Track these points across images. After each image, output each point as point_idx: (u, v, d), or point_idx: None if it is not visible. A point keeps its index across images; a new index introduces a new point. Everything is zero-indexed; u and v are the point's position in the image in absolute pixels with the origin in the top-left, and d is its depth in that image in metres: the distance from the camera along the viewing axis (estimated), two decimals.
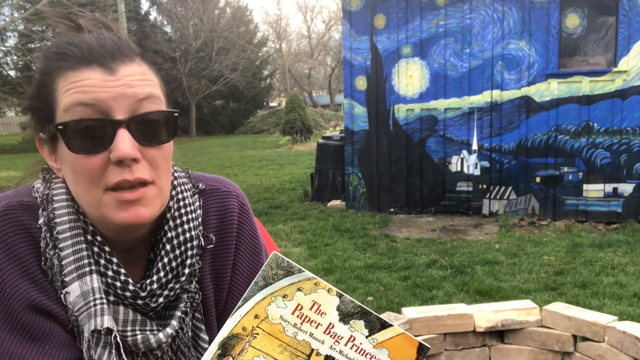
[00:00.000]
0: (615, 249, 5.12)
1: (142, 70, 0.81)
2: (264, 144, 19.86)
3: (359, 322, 0.69)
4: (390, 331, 0.70)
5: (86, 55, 0.77)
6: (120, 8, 15.61)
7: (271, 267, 0.68)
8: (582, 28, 6.09)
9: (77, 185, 0.80)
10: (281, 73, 39.63)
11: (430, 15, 6.68)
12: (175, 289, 0.85)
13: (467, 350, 2.58)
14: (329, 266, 4.83)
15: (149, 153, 0.79)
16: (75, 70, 0.77)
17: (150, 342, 0.82)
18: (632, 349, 2.24)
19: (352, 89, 7.19)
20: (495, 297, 3.94)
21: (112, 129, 0.76)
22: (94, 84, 0.76)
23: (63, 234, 0.80)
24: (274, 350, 0.69)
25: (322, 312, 0.69)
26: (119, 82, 0.77)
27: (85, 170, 0.77)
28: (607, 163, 6.11)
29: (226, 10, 31.92)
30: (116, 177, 0.76)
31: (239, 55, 28.19)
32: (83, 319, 0.78)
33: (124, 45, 0.81)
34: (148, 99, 0.79)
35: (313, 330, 0.69)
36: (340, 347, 0.69)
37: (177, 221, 0.87)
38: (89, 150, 0.76)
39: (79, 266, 0.80)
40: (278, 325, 0.69)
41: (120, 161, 0.76)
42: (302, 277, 0.69)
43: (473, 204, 6.75)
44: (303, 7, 50.60)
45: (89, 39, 0.80)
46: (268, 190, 9.33)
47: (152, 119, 0.79)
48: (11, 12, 16.10)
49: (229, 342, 0.69)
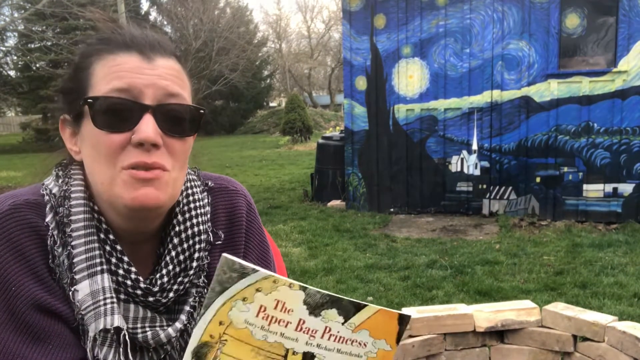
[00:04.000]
0: (615, 249, 5.12)
1: (178, 69, 0.84)
2: (264, 144, 19.86)
3: (330, 311, 0.67)
4: (366, 311, 0.67)
5: (127, 41, 0.81)
6: (120, 8, 15.60)
7: (224, 271, 0.64)
8: (582, 28, 6.09)
9: (94, 162, 0.81)
10: (281, 73, 39.63)
11: (430, 15, 6.68)
12: (185, 282, 0.86)
13: (467, 350, 2.58)
14: (329, 266, 4.83)
15: (170, 143, 0.81)
16: (115, 54, 0.80)
17: (160, 338, 0.83)
18: (632, 349, 2.24)
19: (352, 89, 7.19)
20: (495, 297, 3.95)
21: (139, 112, 0.78)
22: (131, 69, 0.79)
23: (77, 231, 0.81)
24: (247, 355, 0.67)
25: (288, 309, 0.66)
26: (155, 72, 0.80)
27: (106, 146, 0.78)
28: (607, 163, 6.11)
29: (226, 10, 31.93)
30: (134, 157, 0.78)
31: (239, 56, 28.20)
32: (89, 318, 0.78)
33: (165, 41, 0.85)
34: (176, 96, 0.81)
35: (283, 330, 0.66)
36: (317, 341, 0.67)
37: (187, 215, 0.89)
38: (113, 128, 0.78)
39: (91, 265, 0.80)
40: (245, 330, 0.66)
41: (141, 144, 0.77)
42: (258, 276, 0.65)
43: (473, 204, 6.75)
44: (303, 7, 50.62)
45: (132, 29, 0.84)
46: (268, 190, 9.34)
47: (178, 110, 0.81)
48: (11, 12, 16.09)
49: (200, 350, 0.66)
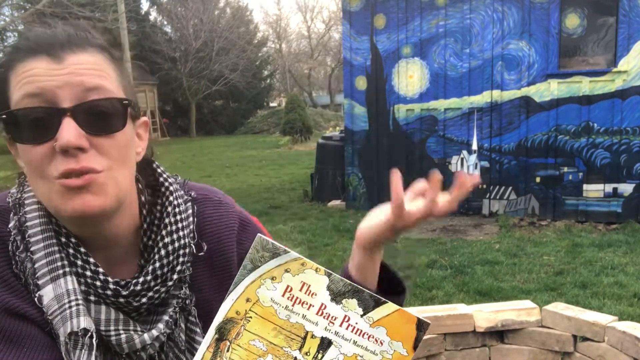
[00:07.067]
0: (615, 249, 5.12)
1: (95, 60, 0.78)
2: (264, 144, 19.86)
3: (351, 300, 0.68)
4: (386, 308, 0.68)
5: (33, 46, 0.77)
6: (120, 8, 15.61)
7: (257, 250, 0.68)
8: (582, 28, 6.09)
9: (30, 178, 0.79)
10: (281, 73, 39.61)
11: (430, 15, 6.68)
12: (161, 292, 0.84)
13: (467, 351, 2.58)
14: (329, 266, 4.83)
15: (98, 142, 0.76)
16: (23, 61, 0.76)
17: (134, 342, 0.81)
18: (632, 349, 2.24)
19: (352, 89, 7.19)
20: (495, 297, 3.94)
21: (58, 118, 0.74)
22: (40, 73, 0.75)
23: (35, 237, 0.79)
24: (268, 334, 0.68)
25: (312, 292, 0.68)
26: (65, 71, 0.75)
27: (33, 160, 0.75)
28: (607, 163, 6.10)
29: (226, 10, 31.92)
30: (62, 166, 0.74)
31: (239, 56, 28.21)
32: (57, 322, 0.77)
33: (78, 36, 0.79)
34: (97, 89, 0.76)
35: (305, 312, 0.68)
36: (335, 329, 0.68)
37: (172, 227, 0.87)
38: (35, 140, 0.74)
39: (52, 269, 0.78)
40: (270, 308, 0.68)
41: (66, 150, 0.74)
42: (289, 257, 0.68)
43: (473, 204, 6.75)
44: (303, 7, 50.53)
45: (41, 31, 0.79)
46: (268, 190, 9.34)
47: (100, 106, 0.76)
48: (11, 12, 16.09)
49: (224, 326, 0.68)
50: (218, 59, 27.55)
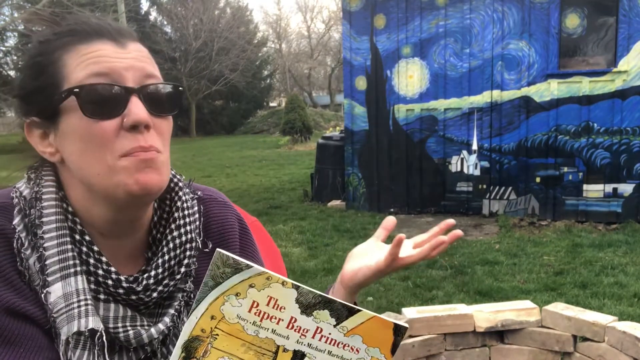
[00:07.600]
0: (615, 249, 5.12)
1: (147, 51, 0.85)
2: (264, 144, 19.87)
3: (322, 312, 0.66)
4: (360, 316, 0.67)
5: (97, 29, 0.81)
6: (120, 8, 15.61)
7: (218, 267, 0.65)
8: (582, 28, 6.09)
9: (84, 156, 0.79)
10: (281, 73, 39.64)
11: (430, 15, 6.68)
12: (170, 285, 0.85)
13: (467, 351, 2.58)
14: (329, 266, 4.83)
15: (157, 123, 0.81)
16: (88, 42, 0.79)
17: (142, 337, 0.82)
18: (632, 349, 2.24)
19: (352, 89, 7.19)
20: (495, 298, 3.95)
21: (126, 96, 0.78)
22: (108, 54, 0.79)
23: (49, 233, 0.79)
24: (237, 350, 0.67)
25: (280, 306, 0.66)
26: (130, 55, 0.80)
27: (99, 135, 0.77)
28: (607, 163, 6.11)
29: (226, 10, 31.95)
30: (131, 143, 0.77)
31: (239, 56, 28.22)
32: (62, 321, 0.77)
33: (125, 27, 0.85)
34: (154, 77, 0.82)
35: (275, 327, 0.66)
36: (307, 341, 0.67)
37: (181, 221, 0.89)
38: (103, 115, 0.77)
39: (64, 267, 0.79)
40: (237, 325, 0.66)
41: (134, 127, 0.77)
42: (252, 272, 0.65)
43: (473, 204, 6.75)
44: (303, 7, 50.55)
45: (92, 17, 0.84)
46: (268, 190, 9.34)
47: (160, 90, 0.82)
48: (11, 12, 16.09)
49: (190, 344, 0.67)
50: (218, 59, 27.57)
